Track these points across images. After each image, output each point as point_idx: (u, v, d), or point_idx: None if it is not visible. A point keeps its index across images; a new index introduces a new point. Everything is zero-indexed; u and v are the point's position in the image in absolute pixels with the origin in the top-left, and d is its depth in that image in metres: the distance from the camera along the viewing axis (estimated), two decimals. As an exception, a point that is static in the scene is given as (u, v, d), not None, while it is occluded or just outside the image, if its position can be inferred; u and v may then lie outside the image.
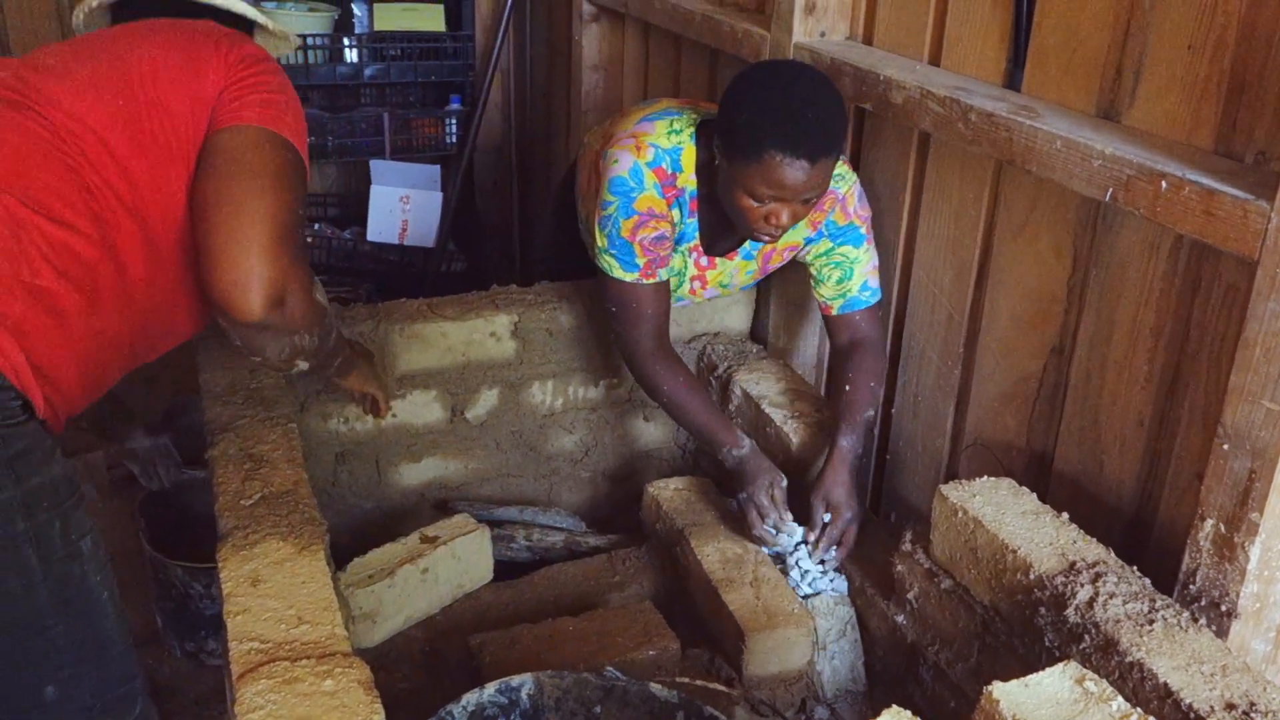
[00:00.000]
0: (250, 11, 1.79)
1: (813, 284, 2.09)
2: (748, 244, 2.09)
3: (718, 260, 2.12)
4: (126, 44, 1.55)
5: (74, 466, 1.50)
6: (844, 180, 1.99)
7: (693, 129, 1.96)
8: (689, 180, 1.96)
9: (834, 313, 2.08)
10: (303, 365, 1.62)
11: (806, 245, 2.07)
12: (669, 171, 1.94)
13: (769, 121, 1.75)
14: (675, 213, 1.98)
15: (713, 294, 2.25)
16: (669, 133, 1.96)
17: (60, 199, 1.40)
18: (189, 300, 1.57)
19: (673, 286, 2.12)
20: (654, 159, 1.92)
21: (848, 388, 2.02)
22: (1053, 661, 1.38)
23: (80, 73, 1.49)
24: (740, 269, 2.16)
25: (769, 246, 2.09)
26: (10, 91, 1.46)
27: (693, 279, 2.15)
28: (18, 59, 1.55)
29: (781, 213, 1.81)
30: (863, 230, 2.03)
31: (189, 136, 1.49)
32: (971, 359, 1.99)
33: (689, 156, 1.95)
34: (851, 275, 2.04)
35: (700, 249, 2.08)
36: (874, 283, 2.06)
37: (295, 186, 1.49)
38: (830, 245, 2.03)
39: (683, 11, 2.56)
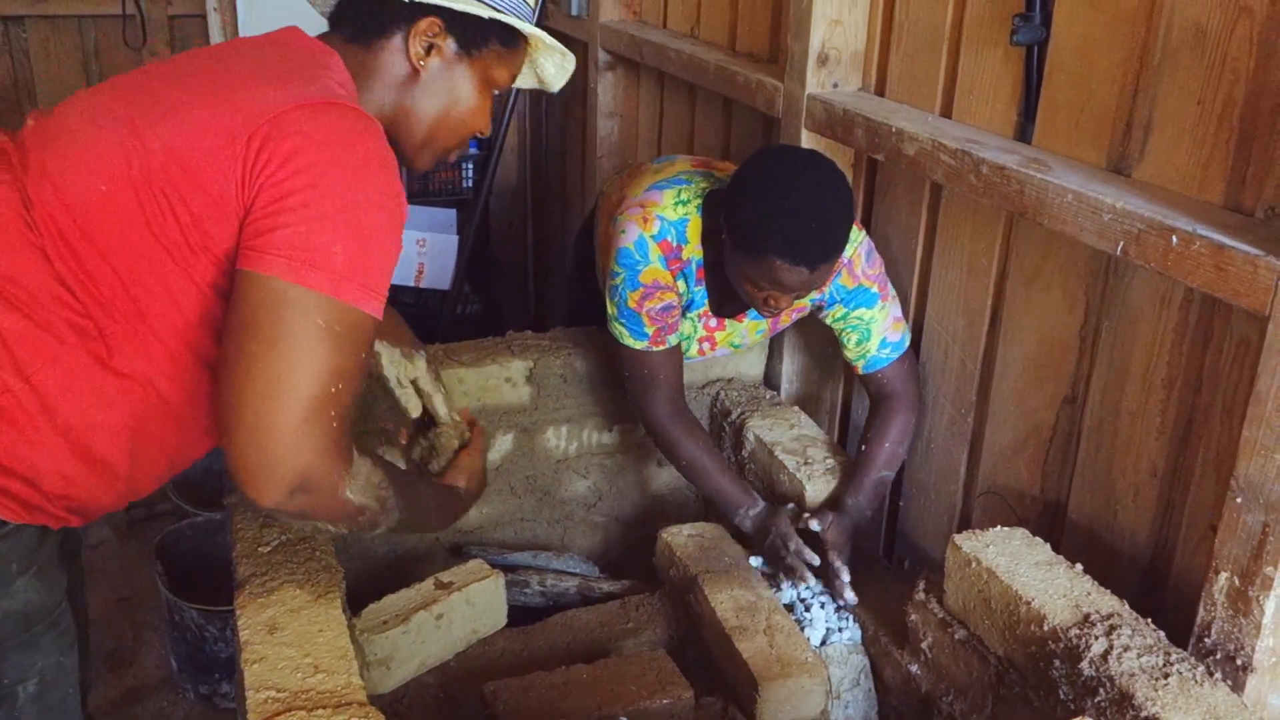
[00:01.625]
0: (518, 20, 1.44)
1: (840, 345, 2.12)
2: None
3: (727, 321, 2.14)
4: (169, 104, 1.29)
5: (52, 600, 1.35)
6: (850, 243, 1.97)
7: (700, 200, 1.98)
8: (695, 250, 1.99)
9: (860, 372, 2.10)
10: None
11: (816, 306, 2.08)
12: (674, 244, 1.97)
13: (770, 228, 1.77)
14: (681, 284, 2.01)
15: (724, 353, 2.27)
16: (676, 203, 1.98)
17: (22, 286, 1.24)
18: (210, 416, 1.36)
19: (683, 349, 2.15)
20: (659, 232, 1.95)
21: (864, 446, 2.05)
22: (1067, 714, 1.38)
23: (89, 139, 1.28)
24: (750, 329, 2.18)
25: None
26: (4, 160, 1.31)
27: (701, 340, 2.17)
28: (43, 114, 1.37)
29: (781, 299, 1.86)
30: (874, 290, 2.03)
31: (198, 242, 1.24)
32: (984, 407, 1.99)
33: (694, 228, 1.98)
34: (869, 336, 2.05)
35: (709, 312, 2.11)
36: (894, 336, 2.06)
37: (330, 356, 1.19)
38: (844, 310, 2.04)
39: (697, 61, 2.60)
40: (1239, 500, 1.38)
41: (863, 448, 2.05)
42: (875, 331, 2.04)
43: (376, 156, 1.25)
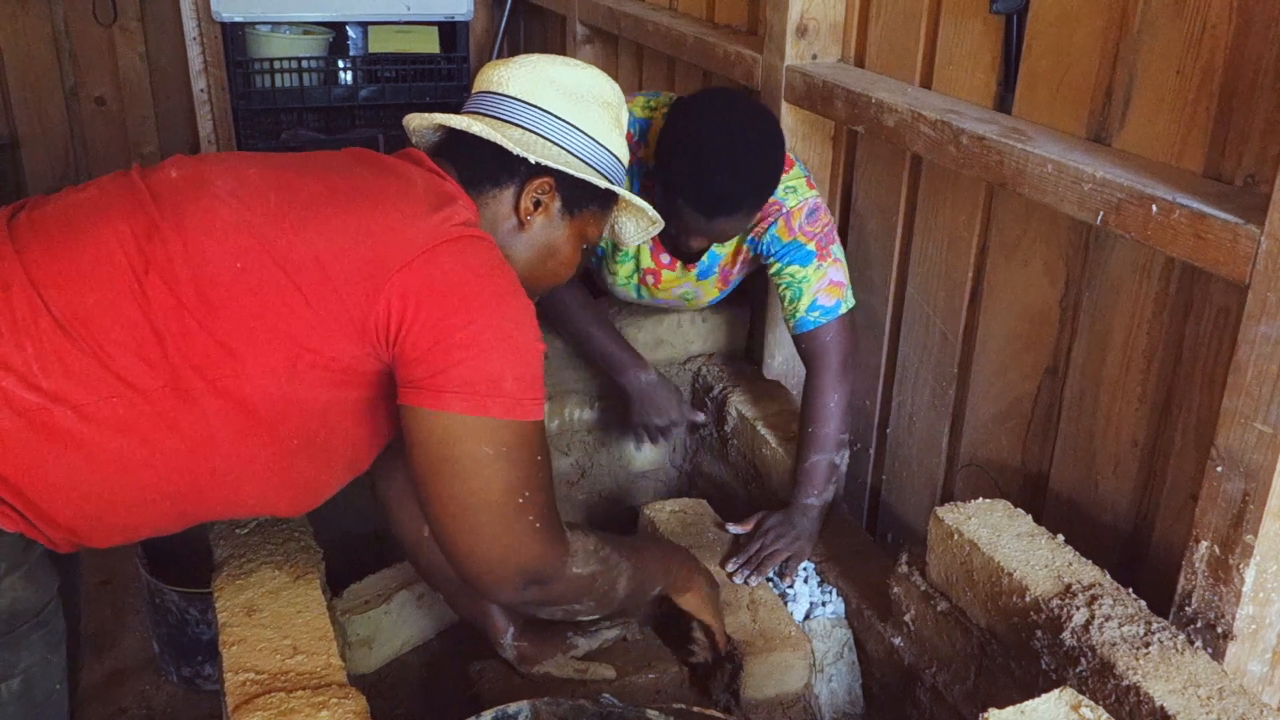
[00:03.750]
0: (625, 195, 1.55)
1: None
2: (707, 258, 2.11)
3: (679, 265, 2.13)
4: (321, 210, 1.31)
5: (41, 599, 1.35)
6: (794, 194, 1.98)
7: (667, 109, 1.97)
8: (649, 155, 1.99)
9: (791, 332, 2.06)
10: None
11: (758, 256, 2.08)
12: (634, 138, 1.98)
13: (678, 168, 1.81)
14: (628, 181, 1.99)
15: (673, 304, 2.28)
16: (645, 105, 2.02)
17: (107, 330, 1.24)
18: (282, 482, 1.38)
19: (623, 277, 2.17)
20: (626, 123, 1.93)
21: (807, 428, 2.00)
22: (1049, 685, 1.38)
23: (235, 214, 1.29)
24: (705, 288, 2.19)
25: (725, 261, 2.13)
26: (146, 194, 1.32)
27: (646, 272, 2.16)
28: (213, 159, 1.40)
29: (693, 239, 1.91)
30: (810, 247, 2.00)
31: (314, 341, 1.28)
32: (966, 380, 1.99)
33: (654, 133, 1.98)
34: (800, 295, 2.01)
35: (660, 245, 2.10)
36: (826, 300, 2.00)
37: (515, 470, 1.30)
38: (779, 265, 2.03)
39: (675, 34, 2.57)
40: (1219, 469, 1.38)
41: (806, 429, 2.00)
42: (806, 291, 2.01)
43: (512, 281, 1.35)
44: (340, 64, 3.67)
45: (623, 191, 1.53)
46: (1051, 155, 1.56)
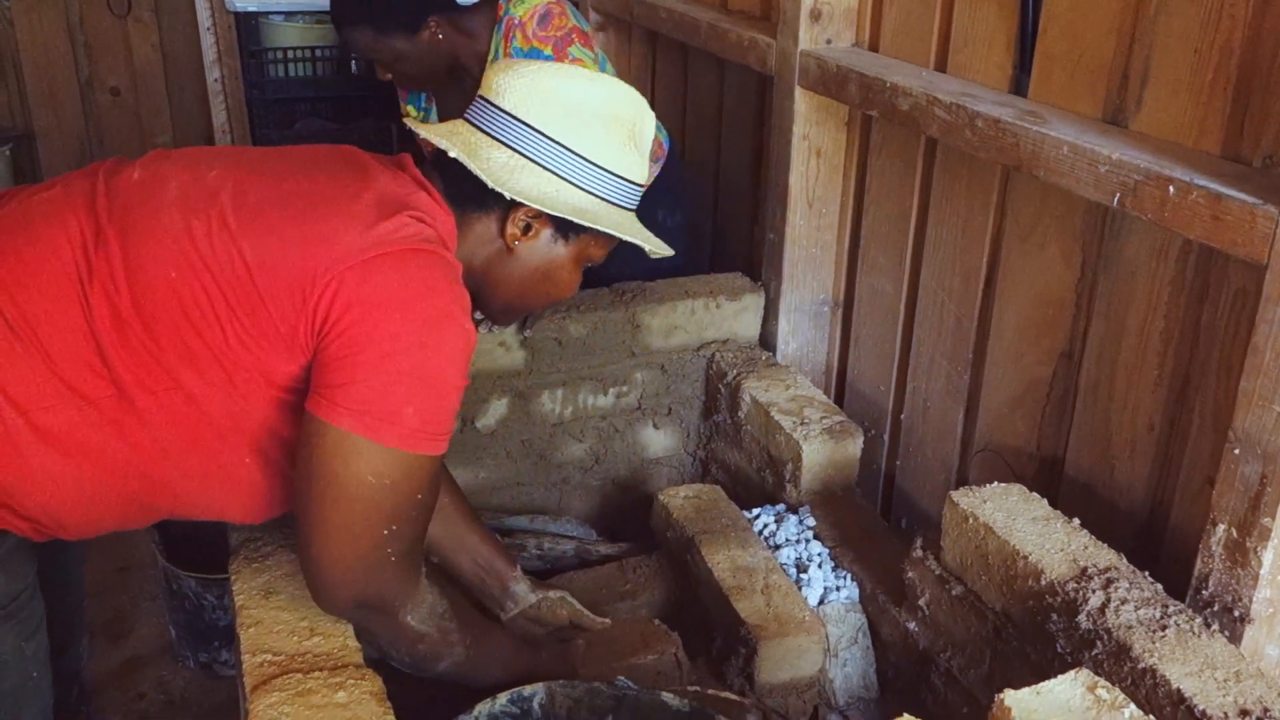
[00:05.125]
0: (638, 237, 1.45)
1: None
2: None
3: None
4: (268, 218, 1.27)
5: (13, 589, 1.35)
6: (521, 4, 2.10)
7: None
8: None
9: None
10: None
11: None
12: None
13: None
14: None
15: None
16: None
17: (48, 333, 1.24)
18: (234, 491, 1.37)
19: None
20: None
21: None
22: (1065, 668, 1.37)
23: (177, 220, 1.27)
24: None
25: None
26: (98, 201, 1.30)
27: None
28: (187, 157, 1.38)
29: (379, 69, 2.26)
30: (547, 51, 2.09)
31: (246, 359, 1.26)
32: (981, 364, 1.98)
33: None
34: None
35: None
36: None
37: (393, 500, 1.26)
38: None
39: (689, 20, 2.57)
40: (1236, 452, 1.38)
41: None
42: None
43: (450, 307, 1.26)
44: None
45: (609, 228, 1.41)
46: (1067, 137, 1.55)
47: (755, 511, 2.06)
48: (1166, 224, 1.42)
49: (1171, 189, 1.40)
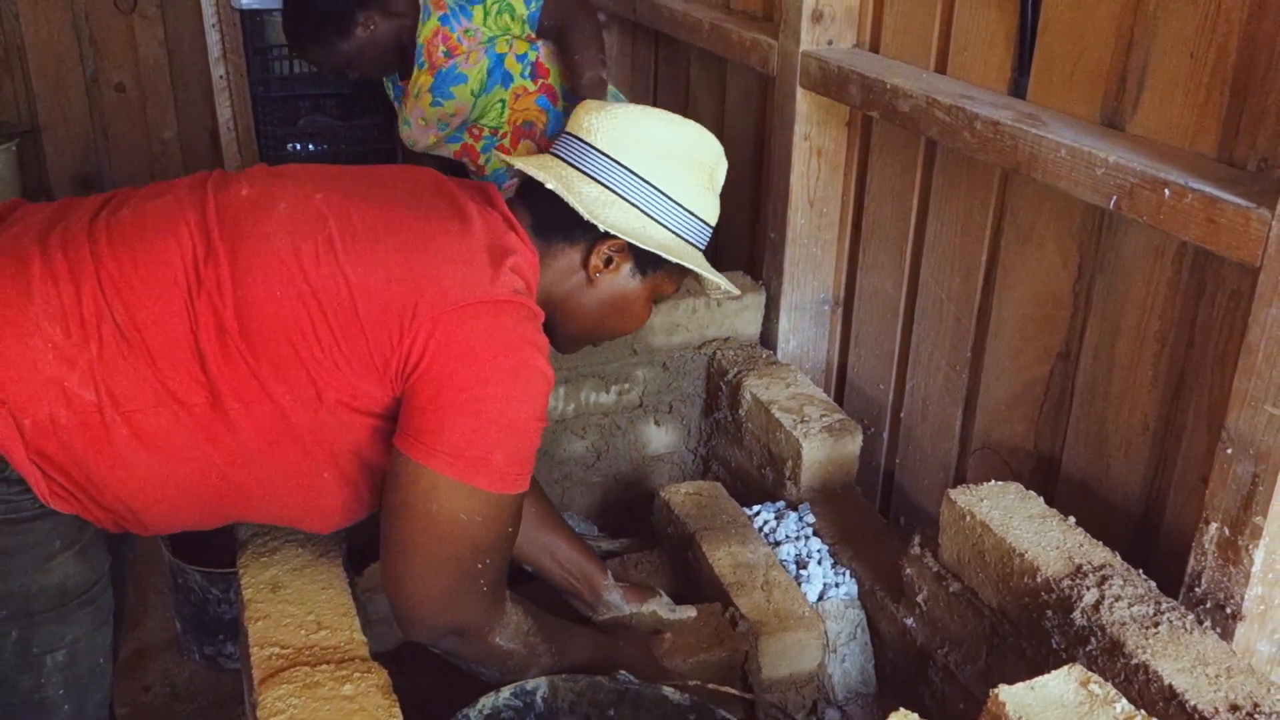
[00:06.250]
0: (702, 269, 1.51)
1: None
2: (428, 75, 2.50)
3: (415, 92, 2.53)
4: (371, 244, 1.33)
5: (92, 577, 1.40)
6: None
7: None
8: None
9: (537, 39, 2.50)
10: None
11: (453, 26, 2.46)
12: None
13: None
14: None
15: (455, 135, 2.59)
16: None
17: (154, 336, 1.28)
18: (312, 502, 1.42)
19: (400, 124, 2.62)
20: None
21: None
22: (1060, 664, 1.39)
23: (287, 241, 1.32)
24: (458, 93, 2.49)
25: (433, 56, 2.49)
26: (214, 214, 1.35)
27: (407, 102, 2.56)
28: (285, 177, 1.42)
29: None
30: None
31: (339, 380, 1.31)
32: (979, 363, 2.00)
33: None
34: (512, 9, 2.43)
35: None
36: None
37: (482, 538, 1.33)
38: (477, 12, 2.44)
39: (691, 19, 2.58)
40: (1229, 451, 1.40)
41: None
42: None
43: (533, 356, 1.33)
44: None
45: (694, 265, 1.48)
46: (1065, 140, 1.57)
47: (755, 508, 2.08)
48: (1162, 226, 1.44)
49: (1167, 192, 1.42)
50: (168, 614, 2.49)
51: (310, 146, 3.61)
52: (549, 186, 1.41)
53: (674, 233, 1.47)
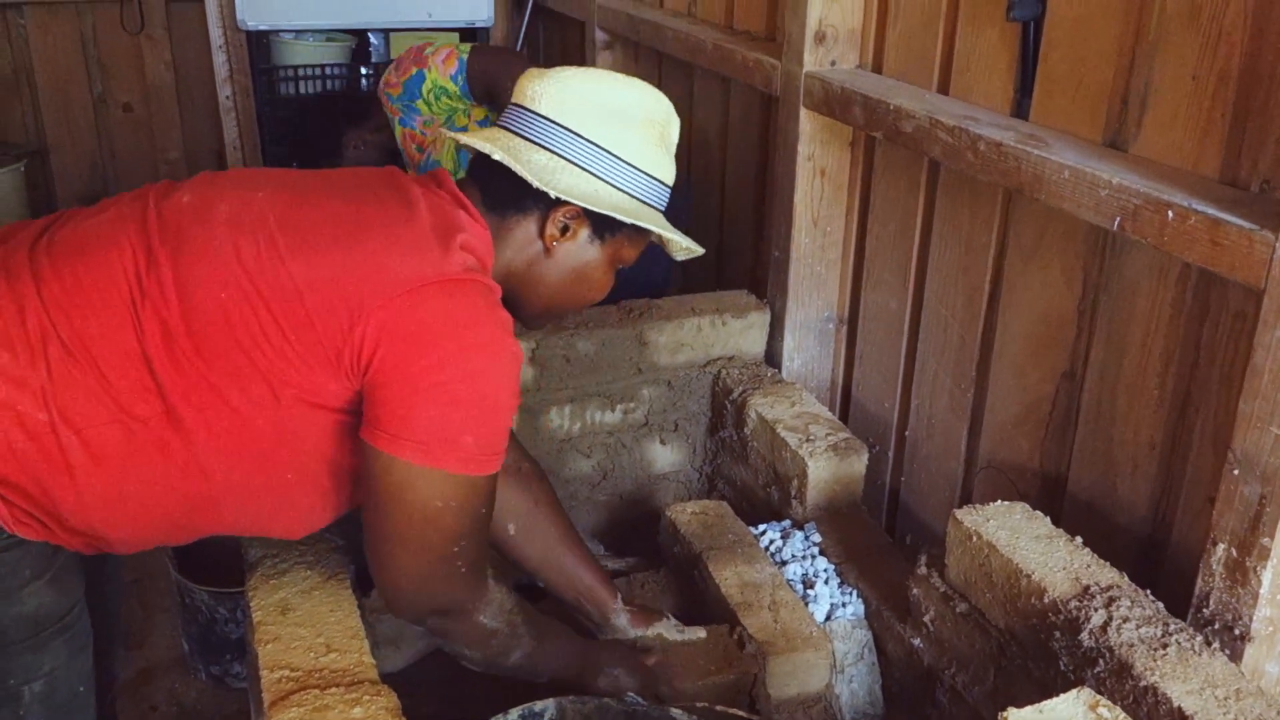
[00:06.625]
0: (674, 234, 1.50)
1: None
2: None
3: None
4: (315, 239, 1.31)
5: (65, 604, 1.40)
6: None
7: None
8: None
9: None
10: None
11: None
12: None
13: None
14: None
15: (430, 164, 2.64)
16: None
17: (103, 351, 1.27)
18: (277, 508, 1.41)
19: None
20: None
21: None
22: (1068, 685, 1.39)
23: (228, 243, 1.30)
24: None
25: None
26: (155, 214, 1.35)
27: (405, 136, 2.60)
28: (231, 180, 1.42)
29: None
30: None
31: (294, 377, 1.29)
32: (984, 382, 2.01)
33: None
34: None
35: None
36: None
37: (457, 521, 1.32)
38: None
39: (694, 40, 2.60)
40: (1236, 472, 1.40)
41: None
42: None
43: (494, 330, 1.30)
44: (363, 70, 3.72)
45: (651, 225, 1.45)
46: (1068, 161, 1.58)
47: (761, 527, 2.09)
48: (1166, 248, 1.45)
49: (1170, 214, 1.42)
50: (174, 633, 2.49)
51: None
52: (495, 157, 1.38)
53: (629, 194, 1.43)
